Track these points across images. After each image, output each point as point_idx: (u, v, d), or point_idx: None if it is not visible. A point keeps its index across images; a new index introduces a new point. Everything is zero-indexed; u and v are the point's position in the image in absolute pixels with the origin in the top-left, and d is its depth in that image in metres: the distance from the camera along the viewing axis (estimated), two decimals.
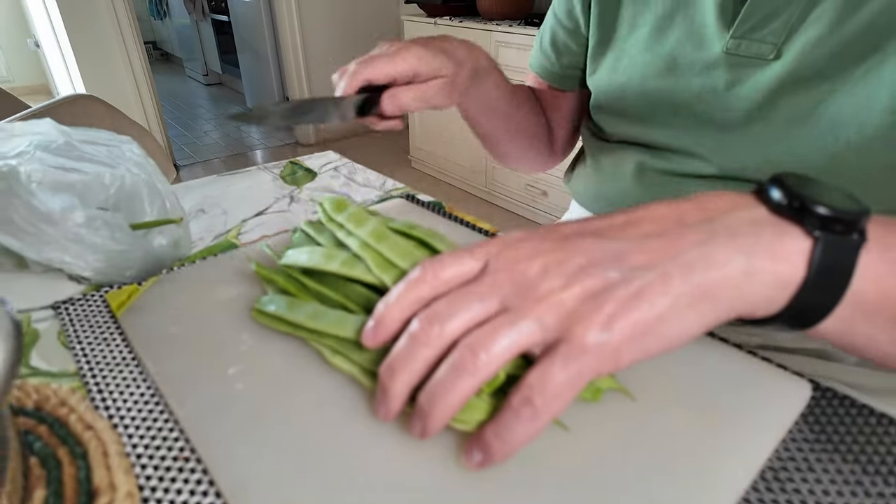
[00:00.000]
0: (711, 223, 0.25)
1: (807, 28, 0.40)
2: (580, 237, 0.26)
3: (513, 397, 0.23)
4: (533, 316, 0.24)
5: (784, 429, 0.28)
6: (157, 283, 0.39)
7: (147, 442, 0.27)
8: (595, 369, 0.23)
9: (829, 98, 0.39)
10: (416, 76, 0.46)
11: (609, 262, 0.24)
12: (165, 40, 5.88)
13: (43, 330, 0.35)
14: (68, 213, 0.34)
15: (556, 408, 0.23)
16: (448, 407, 0.24)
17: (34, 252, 0.34)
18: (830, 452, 0.27)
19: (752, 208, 0.25)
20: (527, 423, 0.23)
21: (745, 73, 0.43)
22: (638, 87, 0.50)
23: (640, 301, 0.23)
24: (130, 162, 0.49)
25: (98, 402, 0.29)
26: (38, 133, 0.48)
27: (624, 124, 0.54)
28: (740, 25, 0.42)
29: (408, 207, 0.52)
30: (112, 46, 2.62)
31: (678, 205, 0.27)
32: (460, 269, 0.27)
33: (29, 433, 0.26)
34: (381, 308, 0.27)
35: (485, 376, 0.24)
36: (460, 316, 0.25)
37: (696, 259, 0.24)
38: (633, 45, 0.51)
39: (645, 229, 0.26)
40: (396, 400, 0.25)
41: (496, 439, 0.24)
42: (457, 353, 0.24)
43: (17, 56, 4.25)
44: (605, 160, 0.58)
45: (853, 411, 0.30)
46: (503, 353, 0.23)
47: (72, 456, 0.25)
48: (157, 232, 0.44)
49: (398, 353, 0.25)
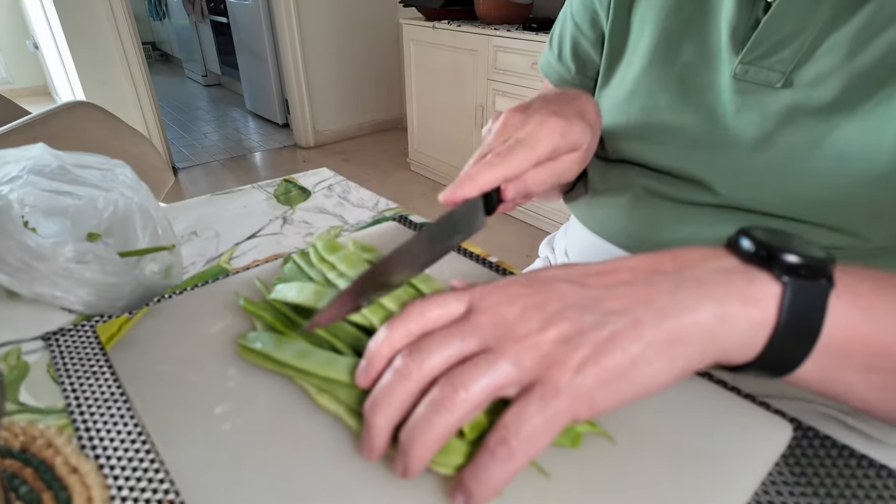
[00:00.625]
0: (682, 272, 0.26)
1: (817, 59, 0.39)
2: (557, 283, 0.27)
3: (489, 438, 0.24)
4: (511, 356, 0.24)
5: (764, 471, 0.28)
6: (147, 315, 0.39)
7: (132, 484, 0.27)
8: (570, 412, 0.23)
9: (837, 131, 0.39)
10: (554, 154, 0.38)
11: (584, 306, 0.26)
12: (164, 41, 5.87)
13: (33, 363, 0.35)
14: (59, 248, 0.35)
15: (532, 449, 0.23)
16: (427, 443, 0.24)
17: (25, 288, 0.34)
18: (810, 496, 0.27)
19: (723, 258, 0.27)
20: (503, 464, 0.23)
21: (753, 100, 0.43)
22: (643, 101, 0.49)
23: (612, 345, 0.24)
24: (123, 185, 0.49)
25: (85, 442, 0.29)
26: (30, 158, 0.48)
27: (628, 141, 0.52)
28: (750, 51, 0.42)
29: (400, 231, 0.53)
30: (110, 48, 2.62)
31: (652, 257, 0.28)
32: (445, 311, 0.28)
33: (15, 476, 0.27)
34: (372, 347, 0.28)
35: (462, 413, 0.24)
36: (440, 353, 0.26)
37: (668, 305, 0.25)
38: (641, 58, 0.50)
39: (619, 277, 0.27)
40: (380, 436, 0.26)
41: (473, 481, 0.24)
42: (437, 389, 0.25)
43: (17, 57, 4.25)
44: (607, 182, 0.57)
45: (833, 452, 0.30)
46: (481, 392, 0.24)
47: (56, 501, 0.25)
48: (149, 259, 0.44)
49: (381, 387, 0.26)
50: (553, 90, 0.50)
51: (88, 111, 1.35)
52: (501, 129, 0.39)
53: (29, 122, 1.24)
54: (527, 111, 0.39)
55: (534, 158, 0.37)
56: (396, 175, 2.92)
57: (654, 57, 0.48)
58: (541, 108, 0.39)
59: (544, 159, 0.38)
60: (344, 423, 0.30)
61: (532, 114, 0.39)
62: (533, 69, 2.02)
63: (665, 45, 0.48)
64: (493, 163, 0.36)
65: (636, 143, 0.51)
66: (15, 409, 0.32)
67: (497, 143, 0.38)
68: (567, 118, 0.38)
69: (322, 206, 0.60)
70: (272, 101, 3.70)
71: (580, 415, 0.24)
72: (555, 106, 0.39)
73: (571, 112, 0.39)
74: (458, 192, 0.35)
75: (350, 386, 0.29)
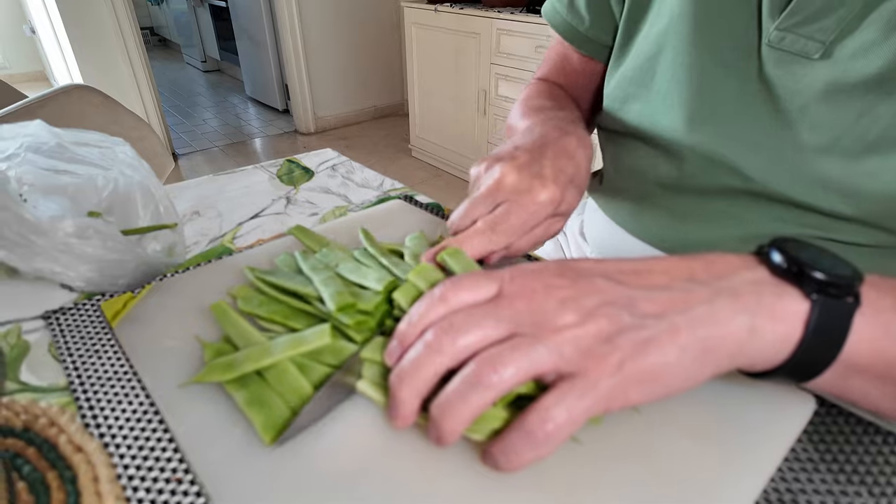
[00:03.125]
0: (717, 282, 0.27)
1: (862, 30, 0.36)
2: (593, 277, 0.27)
3: (525, 419, 0.24)
4: (551, 345, 0.25)
5: (787, 445, 0.28)
6: (152, 292, 0.38)
7: (139, 463, 0.26)
8: (605, 405, 0.24)
9: (876, 111, 0.36)
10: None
11: (621, 305, 0.26)
12: (163, 26, 5.81)
13: (33, 341, 0.35)
14: (58, 223, 0.34)
15: (565, 435, 0.24)
16: (461, 418, 0.24)
17: (24, 263, 0.33)
18: (836, 473, 0.27)
19: (754, 269, 0.27)
20: (537, 447, 0.24)
21: (786, 71, 0.39)
22: (670, 62, 0.45)
23: (650, 347, 0.24)
24: (123, 164, 0.48)
25: (89, 420, 0.29)
26: (28, 135, 0.47)
27: (644, 107, 0.48)
28: (788, 17, 0.38)
29: (406, 209, 0.52)
30: (108, 32, 2.58)
31: (686, 262, 0.28)
32: (477, 293, 0.28)
33: (18, 456, 0.26)
34: (404, 327, 0.28)
35: (498, 392, 0.24)
36: (475, 332, 0.26)
37: (703, 315, 0.25)
38: (670, 12, 0.45)
39: (656, 280, 0.27)
40: (406, 407, 0.26)
41: (502, 456, 0.24)
42: (473, 365, 0.25)
43: (14, 43, 4.21)
44: (620, 171, 0.55)
45: (858, 429, 0.29)
46: (518, 373, 0.24)
47: (61, 480, 0.25)
48: (151, 237, 0.43)
49: (410, 360, 0.26)
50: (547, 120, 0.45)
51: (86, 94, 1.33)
52: (495, 188, 0.37)
53: (26, 106, 1.22)
54: (522, 172, 0.37)
55: (525, 231, 0.37)
56: (398, 161, 2.90)
57: (689, 9, 0.43)
58: (539, 173, 0.37)
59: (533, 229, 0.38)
60: (370, 398, 0.29)
61: (528, 177, 0.37)
62: (537, 53, 1.99)
63: (696, 2, 0.43)
64: (484, 234, 0.36)
65: (655, 110, 0.47)
66: (16, 387, 0.31)
67: (487, 203, 0.37)
68: (561, 186, 0.38)
69: (326, 186, 0.59)
70: (272, 87, 3.67)
71: (612, 408, 0.25)
72: (550, 166, 0.38)
73: (566, 177, 0.38)
74: None
75: (379, 364, 0.29)
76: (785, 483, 0.26)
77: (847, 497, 0.26)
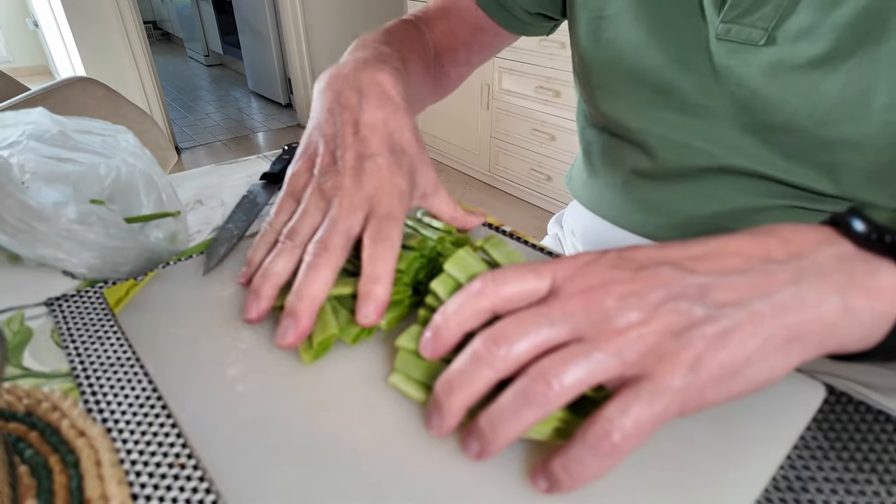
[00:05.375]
0: (798, 261, 0.24)
1: (799, 12, 0.37)
2: (657, 267, 0.25)
3: (588, 430, 0.22)
4: (611, 349, 0.23)
5: (797, 432, 0.27)
6: (155, 280, 0.38)
7: (142, 448, 0.26)
8: (679, 409, 0.22)
9: (822, 87, 0.37)
10: None
11: (692, 297, 0.23)
12: (166, 20, 5.80)
13: (36, 328, 0.34)
14: (61, 209, 0.33)
15: (634, 444, 0.22)
16: (512, 434, 0.23)
17: (26, 249, 0.33)
18: (846, 461, 0.26)
19: (836, 243, 0.25)
20: (602, 460, 0.22)
21: (736, 60, 0.41)
22: (630, 64, 0.46)
23: (727, 341, 0.22)
24: (126, 152, 0.48)
25: (91, 405, 0.28)
26: (30, 122, 0.47)
27: (612, 105, 0.49)
28: (730, 10, 0.40)
29: None
30: (111, 26, 2.58)
31: (759, 238, 0.25)
32: (522, 287, 0.26)
33: (20, 440, 0.26)
34: (439, 319, 0.26)
35: (554, 407, 0.23)
36: (528, 339, 0.24)
37: (789, 299, 0.23)
38: (625, 14, 0.46)
39: (728, 263, 0.25)
40: (453, 418, 0.25)
41: (564, 472, 0.23)
42: (527, 379, 0.23)
43: (17, 36, 4.20)
44: (601, 161, 0.56)
45: (868, 417, 0.29)
46: (576, 385, 0.22)
47: (63, 464, 0.25)
48: (154, 225, 0.43)
49: (459, 371, 0.24)
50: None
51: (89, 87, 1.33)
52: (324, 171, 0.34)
53: (29, 98, 1.22)
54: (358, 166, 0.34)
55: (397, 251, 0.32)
56: None
57: (638, 14, 0.45)
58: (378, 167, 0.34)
59: None
60: (406, 394, 0.29)
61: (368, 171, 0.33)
62: (542, 47, 1.98)
63: (647, 4, 0.44)
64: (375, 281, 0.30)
65: (625, 104, 0.49)
66: (19, 373, 0.31)
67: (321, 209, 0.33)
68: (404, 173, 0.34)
69: None
70: (275, 81, 3.66)
71: (687, 411, 0.23)
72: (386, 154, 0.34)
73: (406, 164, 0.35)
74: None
75: (415, 354, 0.28)
76: (794, 471, 0.26)
77: (857, 485, 0.25)
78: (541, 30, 0.57)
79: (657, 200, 0.51)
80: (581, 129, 0.61)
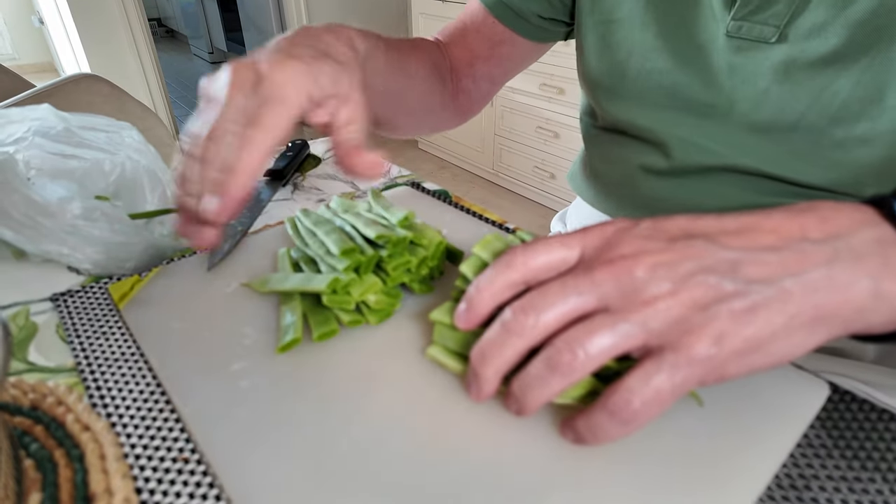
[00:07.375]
0: (835, 241, 0.24)
1: (812, 9, 0.37)
2: (690, 239, 0.25)
3: (610, 398, 0.23)
4: (638, 319, 0.23)
5: (800, 430, 0.27)
6: (159, 275, 0.38)
7: (146, 442, 0.26)
8: (699, 380, 0.23)
9: (834, 86, 0.37)
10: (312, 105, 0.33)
11: (723, 270, 0.23)
12: (170, 17, 5.81)
13: (41, 323, 0.35)
14: (66, 205, 0.34)
15: (653, 413, 0.23)
16: (541, 400, 0.25)
17: (32, 245, 0.33)
18: (849, 459, 0.26)
19: (877, 226, 0.24)
20: (622, 426, 0.23)
21: (748, 57, 0.41)
22: (640, 66, 0.46)
23: (754, 316, 0.22)
24: (130, 148, 0.48)
25: (96, 400, 0.29)
26: (36, 119, 0.47)
27: (621, 108, 0.50)
28: (742, 7, 0.40)
29: (413, 195, 0.51)
30: (116, 23, 2.58)
31: (797, 216, 0.25)
32: (550, 258, 0.26)
33: (25, 434, 0.26)
34: (472, 291, 0.27)
35: (581, 375, 0.23)
36: (556, 308, 0.24)
37: (820, 279, 0.23)
38: (632, 18, 0.46)
39: (762, 240, 0.24)
40: (489, 384, 0.26)
41: (588, 432, 0.24)
42: (554, 349, 0.24)
43: (22, 33, 4.22)
44: (605, 159, 0.56)
45: (872, 415, 0.29)
46: (602, 354, 0.23)
47: (68, 458, 0.25)
48: (158, 221, 0.43)
49: (491, 340, 0.25)
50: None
51: (94, 84, 1.34)
52: (233, 91, 0.31)
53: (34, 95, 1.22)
54: (255, 66, 0.32)
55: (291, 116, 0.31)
56: (405, 153, 2.90)
57: (646, 18, 0.45)
58: (272, 56, 0.32)
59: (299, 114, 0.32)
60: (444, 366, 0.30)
61: (263, 66, 0.31)
62: None
63: (656, 7, 0.44)
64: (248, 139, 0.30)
65: (634, 106, 0.48)
66: (24, 368, 0.31)
67: (234, 114, 0.31)
68: (307, 62, 0.32)
69: (333, 172, 0.59)
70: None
71: (707, 383, 0.23)
72: (290, 49, 0.32)
73: (312, 54, 0.32)
74: (225, 194, 0.29)
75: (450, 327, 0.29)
76: (798, 469, 0.26)
77: (860, 483, 0.25)
78: (556, 35, 0.57)
79: (663, 197, 0.51)
80: (585, 127, 0.60)
